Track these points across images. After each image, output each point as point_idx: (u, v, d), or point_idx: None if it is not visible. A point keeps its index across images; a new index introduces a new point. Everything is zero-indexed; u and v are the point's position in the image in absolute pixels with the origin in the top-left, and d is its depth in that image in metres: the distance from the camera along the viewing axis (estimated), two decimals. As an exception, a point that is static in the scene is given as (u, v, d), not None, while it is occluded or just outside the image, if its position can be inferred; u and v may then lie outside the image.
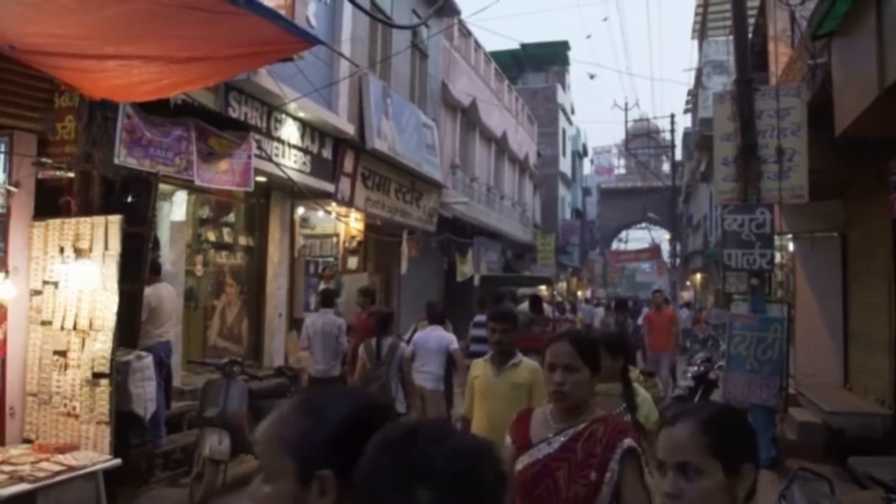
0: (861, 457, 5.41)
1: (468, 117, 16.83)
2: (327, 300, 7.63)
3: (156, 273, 6.34)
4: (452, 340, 6.67)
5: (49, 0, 3.29)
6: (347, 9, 9.58)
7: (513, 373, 3.54)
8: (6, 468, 4.23)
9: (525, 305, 11.75)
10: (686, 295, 31.39)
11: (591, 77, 22.51)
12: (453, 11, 14.80)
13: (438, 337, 6.61)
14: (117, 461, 4.60)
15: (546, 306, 12.58)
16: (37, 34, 3.75)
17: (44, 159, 5.18)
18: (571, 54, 33.71)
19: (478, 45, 18.17)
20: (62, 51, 3.96)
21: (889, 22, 4.78)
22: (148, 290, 6.02)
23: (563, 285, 31.86)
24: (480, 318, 8.18)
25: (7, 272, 4.94)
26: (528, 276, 18.79)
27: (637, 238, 46.75)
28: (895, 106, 5.02)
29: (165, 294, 6.37)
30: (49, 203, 5.26)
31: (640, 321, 13.22)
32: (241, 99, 7.55)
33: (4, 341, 5.00)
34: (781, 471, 6.54)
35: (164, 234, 7.27)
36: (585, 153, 40.47)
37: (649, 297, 30.36)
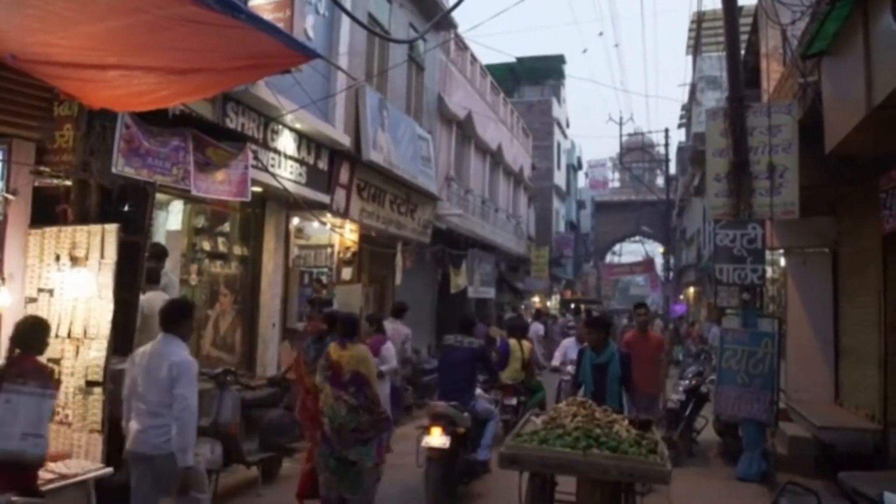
0: (851, 472, 5.44)
1: (464, 130, 16.92)
2: (398, 312, 9.31)
3: (153, 281, 6.35)
4: (540, 329, 13.09)
5: (52, 11, 3.33)
6: (345, 22, 9.65)
7: None
8: (-2, 476, 4.22)
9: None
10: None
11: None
12: (450, 25, 14.91)
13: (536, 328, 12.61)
14: (109, 470, 4.58)
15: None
16: (39, 44, 3.79)
17: (41, 167, 5.21)
18: (567, 68, 33.96)
19: (474, 59, 18.30)
20: (64, 60, 4.00)
21: (877, 43, 4.88)
22: (142, 298, 6.05)
23: (556, 298, 31.93)
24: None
25: (3, 279, 4.95)
26: (588, 299, 29.79)
27: (631, 251, 46.94)
28: (883, 125, 5.12)
29: (160, 303, 6.35)
30: (46, 211, 5.28)
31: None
32: (238, 110, 7.58)
33: (-2, 349, 5.00)
34: (772, 485, 6.58)
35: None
36: (580, 166, 40.66)
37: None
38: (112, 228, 4.94)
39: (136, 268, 5.19)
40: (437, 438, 5.86)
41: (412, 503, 6.06)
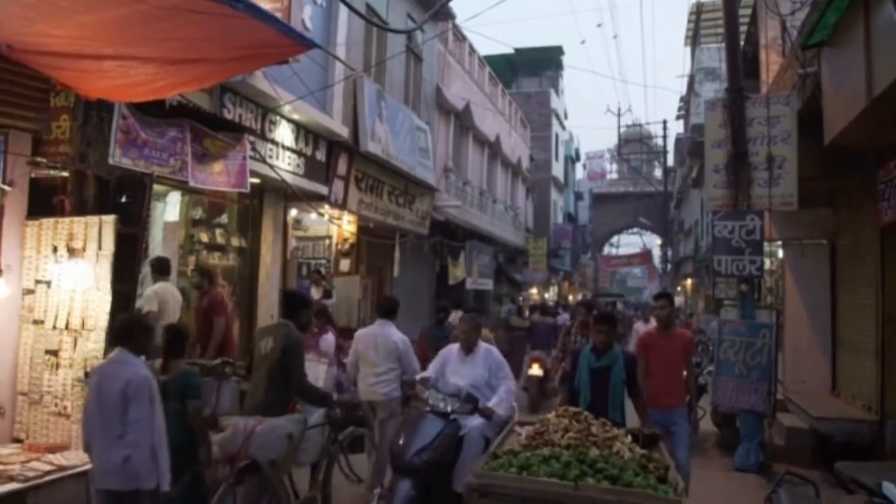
0: (847, 462, 5.46)
1: (462, 121, 16.88)
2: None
3: (164, 273, 6.55)
4: (567, 319, 12.09)
5: (48, 1, 3.30)
6: (343, 12, 9.61)
7: None
8: (-3, 467, 4.23)
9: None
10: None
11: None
12: (448, 16, 14.86)
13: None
14: (108, 461, 4.60)
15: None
16: (35, 34, 3.76)
17: (38, 158, 5.18)
18: (565, 59, 33.85)
19: (472, 50, 18.23)
20: (60, 51, 3.96)
21: (877, 34, 4.86)
22: (155, 288, 6.37)
23: (554, 289, 31.97)
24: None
25: (0, 271, 4.94)
26: (613, 293, 33.44)
27: (629, 243, 47.04)
28: (883, 116, 5.11)
29: (171, 293, 6.52)
30: (43, 202, 5.27)
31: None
32: (235, 100, 7.55)
33: (-4, 340, 5.00)
34: (769, 475, 6.61)
35: (157, 234, 7.28)
36: (578, 158, 40.61)
37: (641, 302, 29.37)
38: (109, 220, 4.92)
39: (133, 259, 5.17)
40: (536, 370, 10.54)
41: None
